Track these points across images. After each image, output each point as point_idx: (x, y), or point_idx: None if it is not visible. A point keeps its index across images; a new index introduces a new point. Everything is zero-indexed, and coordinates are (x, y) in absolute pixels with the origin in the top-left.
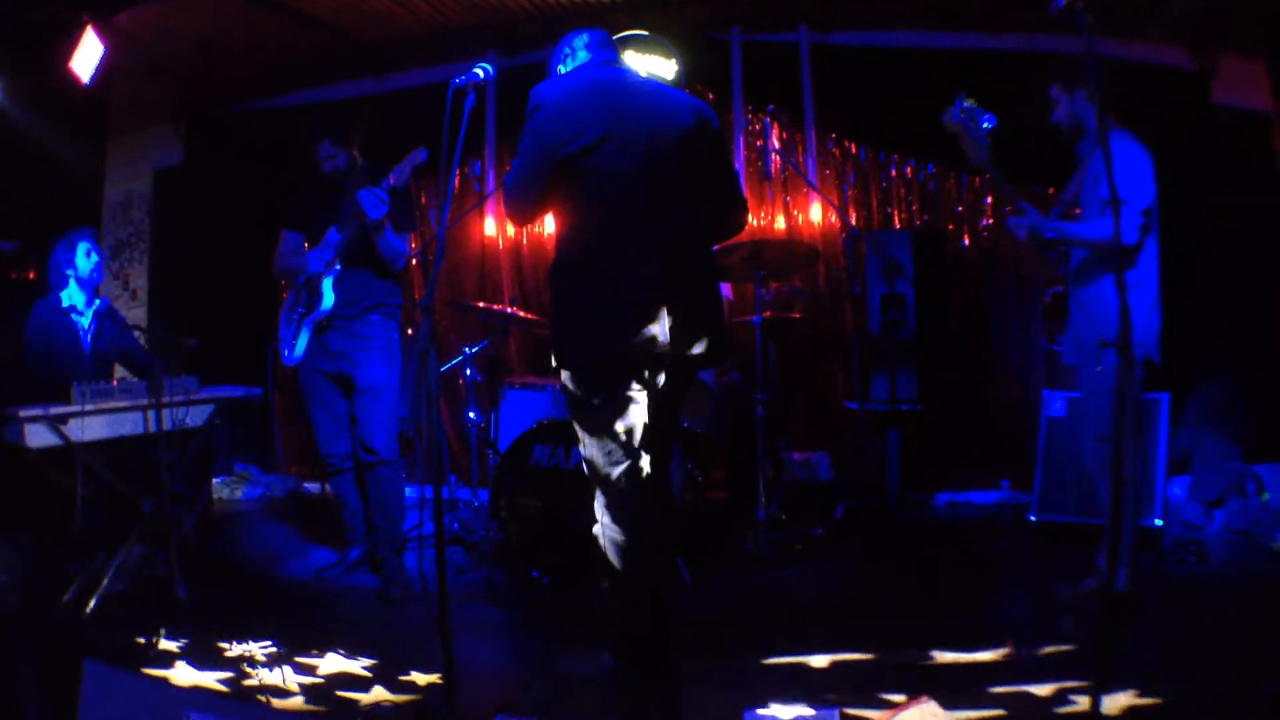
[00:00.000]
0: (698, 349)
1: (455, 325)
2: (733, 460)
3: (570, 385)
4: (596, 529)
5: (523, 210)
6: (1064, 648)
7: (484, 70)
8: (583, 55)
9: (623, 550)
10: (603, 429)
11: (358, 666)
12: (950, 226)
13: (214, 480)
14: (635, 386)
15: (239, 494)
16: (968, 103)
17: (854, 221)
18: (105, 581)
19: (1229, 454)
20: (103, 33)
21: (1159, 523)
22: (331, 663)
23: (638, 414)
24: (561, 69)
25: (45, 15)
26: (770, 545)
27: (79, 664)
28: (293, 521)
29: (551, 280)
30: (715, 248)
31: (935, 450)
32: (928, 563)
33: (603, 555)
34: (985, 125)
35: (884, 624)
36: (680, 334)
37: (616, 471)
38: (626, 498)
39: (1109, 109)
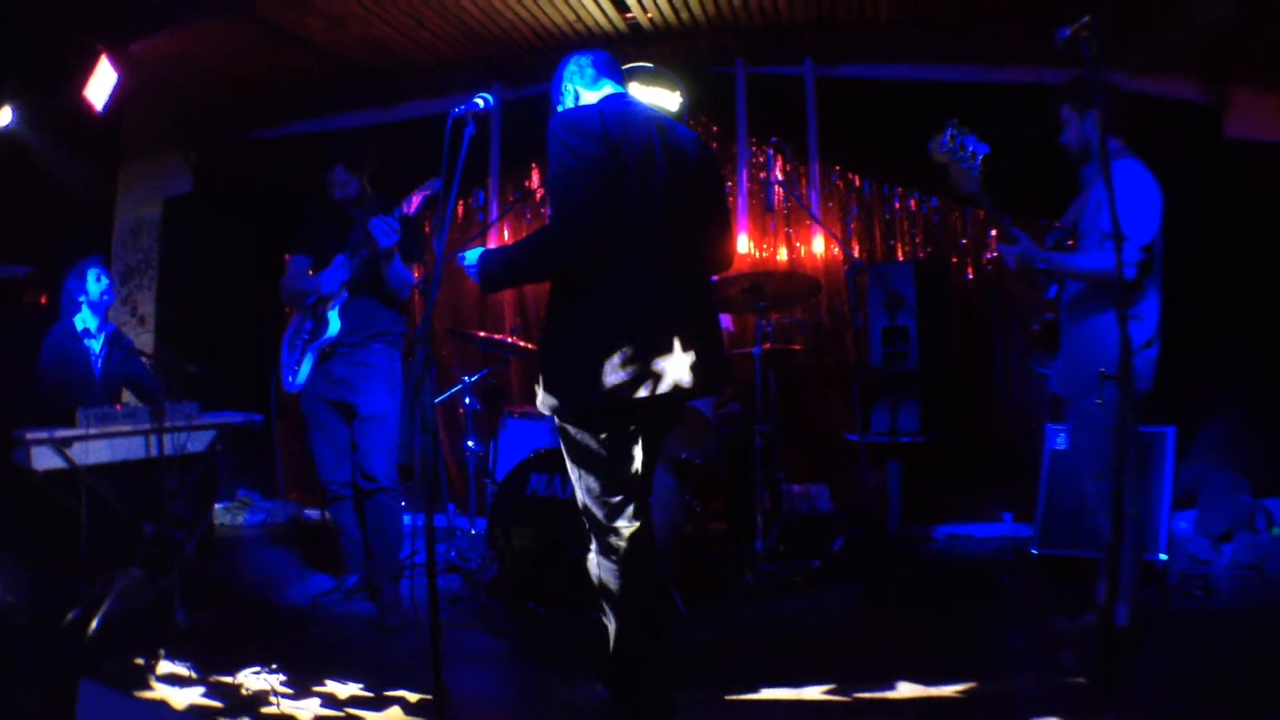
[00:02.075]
0: (697, 382)
1: (458, 354)
2: (732, 492)
3: (567, 424)
4: (590, 560)
5: (591, 230)
6: (1064, 682)
7: (484, 100)
8: (590, 73)
9: (617, 582)
10: (599, 465)
11: (350, 693)
12: (954, 259)
13: (216, 505)
14: (635, 423)
15: (240, 519)
16: (957, 130)
17: (857, 254)
18: (107, 603)
19: (1237, 487)
20: (117, 61)
21: (1164, 557)
22: (325, 689)
23: (635, 448)
24: (567, 86)
25: (61, 43)
26: (768, 577)
27: (76, 684)
28: (293, 547)
29: (553, 318)
30: (714, 279)
31: (937, 483)
32: (927, 597)
33: (597, 586)
34: (977, 153)
35: (881, 658)
36: (690, 369)
37: (612, 505)
38: (621, 530)
39: (1120, 140)
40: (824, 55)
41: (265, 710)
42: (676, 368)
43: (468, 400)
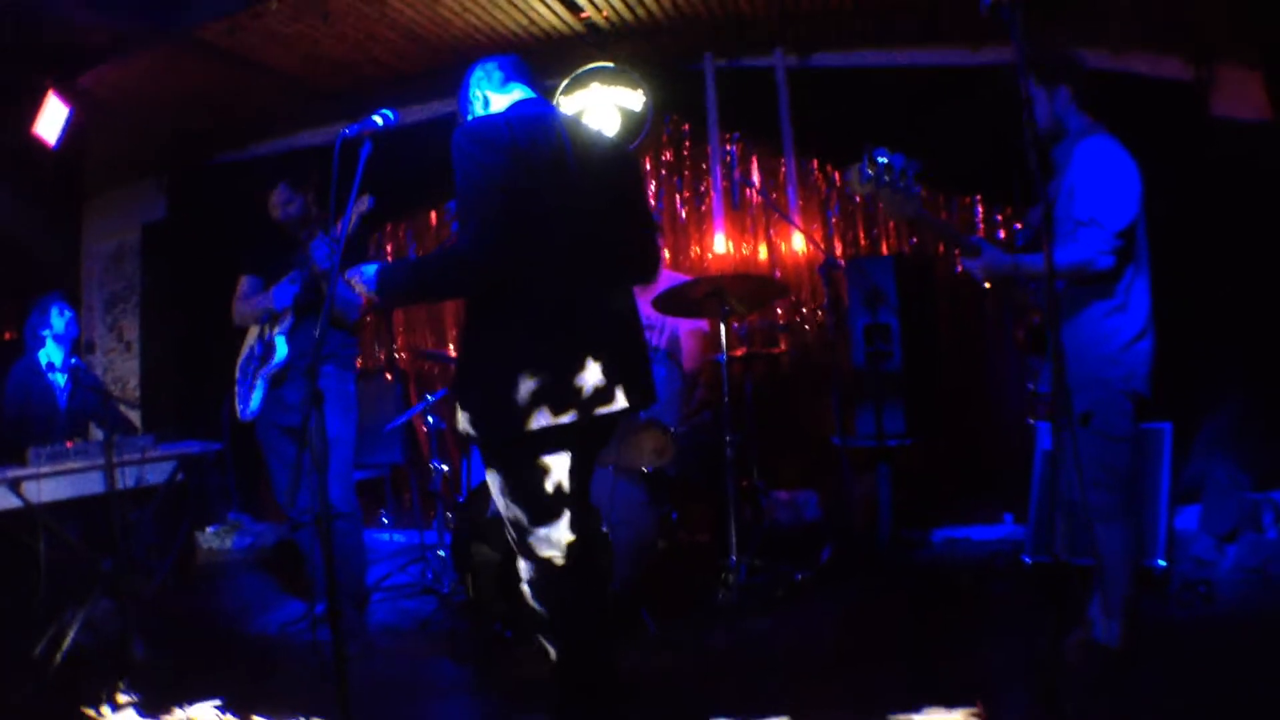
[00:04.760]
0: (626, 398)
1: (440, 373)
2: (716, 503)
3: (489, 451)
4: (525, 587)
5: (500, 247)
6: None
7: (383, 118)
8: (499, 75)
9: (551, 610)
10: (524, 493)
11: None
12: (940, 249)
13: (207, 529)
14: (560, 447)
15: (229, 543)
16: (882, 156)
17: (840, 250)
18: (69, 638)
19: (1239, 483)
20: (65, 95)
21: (1162, 563)
22: None
23: (562, 473)
24: (475, 93)
25: (3, 81)
26: (746, 593)
27: None
28: (274, 572)
29: (468, 338)
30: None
31: (931, 485)
32: (910, 610)
33: (533, 614)
34: (908, 170)
35: (850, 686)
36: (614, 386)
37: (540, 532)
38: (552, 558)
39: (1088, 116)
40: (794, 46)
41: None
42: (600, 387)
43: (430, 419)
